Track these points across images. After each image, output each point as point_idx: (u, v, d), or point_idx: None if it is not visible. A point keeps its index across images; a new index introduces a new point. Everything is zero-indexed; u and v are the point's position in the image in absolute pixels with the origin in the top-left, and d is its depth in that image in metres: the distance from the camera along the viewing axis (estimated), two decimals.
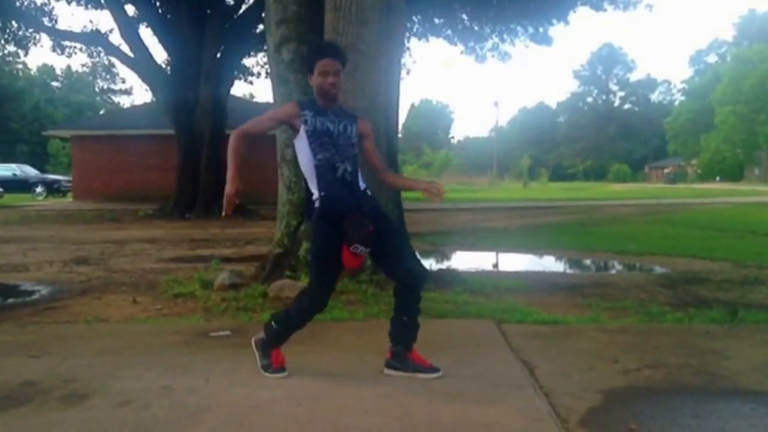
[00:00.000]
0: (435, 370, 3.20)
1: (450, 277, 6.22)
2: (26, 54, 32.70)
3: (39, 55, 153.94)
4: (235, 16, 18.23)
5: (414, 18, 17.24)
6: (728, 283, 6.19)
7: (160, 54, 19.25)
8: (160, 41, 18.29)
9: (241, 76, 22.16)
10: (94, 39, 19.30)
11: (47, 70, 65.12)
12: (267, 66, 12.03)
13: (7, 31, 18.32)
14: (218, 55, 17.52)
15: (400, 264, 3.17)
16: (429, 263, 7.47)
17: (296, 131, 3.18)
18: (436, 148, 73.23)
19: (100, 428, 2.64)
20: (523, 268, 7.91)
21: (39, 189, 29.12)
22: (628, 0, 16.24)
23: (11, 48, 21.58)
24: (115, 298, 5.62)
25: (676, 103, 77.31)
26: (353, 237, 2.99)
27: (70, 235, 11.64)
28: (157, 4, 18.48)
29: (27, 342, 3.95)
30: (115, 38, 18.75)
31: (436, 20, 18.16)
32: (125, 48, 17.80)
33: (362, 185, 3.21)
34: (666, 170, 71.36)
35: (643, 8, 16.90)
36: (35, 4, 18.02)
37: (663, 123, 71.25)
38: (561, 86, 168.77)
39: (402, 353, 3.23)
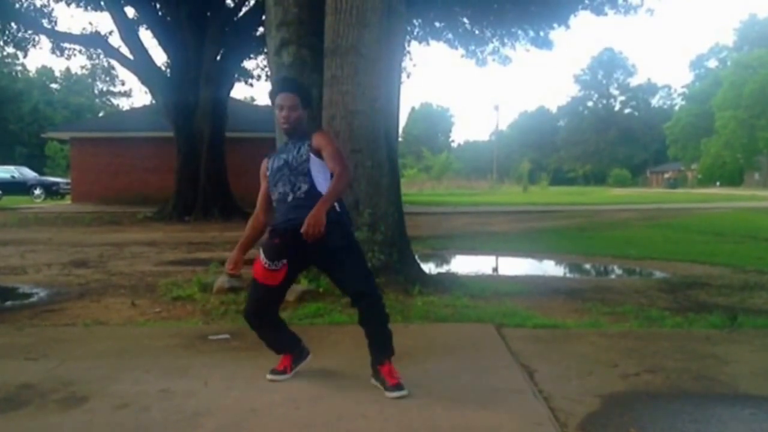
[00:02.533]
0: (397, 388, 2.98)
1: (449, 281, 6.21)
2: (25, 56, 32.86)
3: (38, 57, 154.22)
4: (235, 19, 18.23)
5: (414, 21, 17.27)
6: (728, 288, 6.18)
7: (159, 56, 19.27)
8: (160, 44, 18.30)
9: (242, 78, 22.18)
10: (93, 41, 19.31)
11: (46, 72, 65.07)
12: (267, 69, 12.05)
13: (7, 32, 18.28)
14: (218, 57, 17.52)
15: (345, 286, 3.17)
16: (428, 267, 7.45)
17: None
18: (437, 151, 73.16)
19: (99, 431, 2.64)
20: (523, 272, 7.91)
21: (37, 191, 29.06)
22: (629, 4, 16.25)
23: (10, 50, 21.62)
24: (114, 301, 5.61)
25: (677, 107, 77.46)
26: (261, 245, 3.03)
27: (69, 238, 11.62)
28: (157, 6, 18.50)
29: (25, 345, 3.94)
30: (115, 40, 18.77)
31: (437, 24, 18.18)
32: (125, 50, 17.81)
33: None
34: (666, 175, 71.37)
35: (644, 13, 16.94)
36: (34, 5, 18.01)
37: (663, 128, 71.32)
38: (561, 90, 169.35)
39: (373, 363, 3.13)
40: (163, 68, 19.10)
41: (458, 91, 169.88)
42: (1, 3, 16.70)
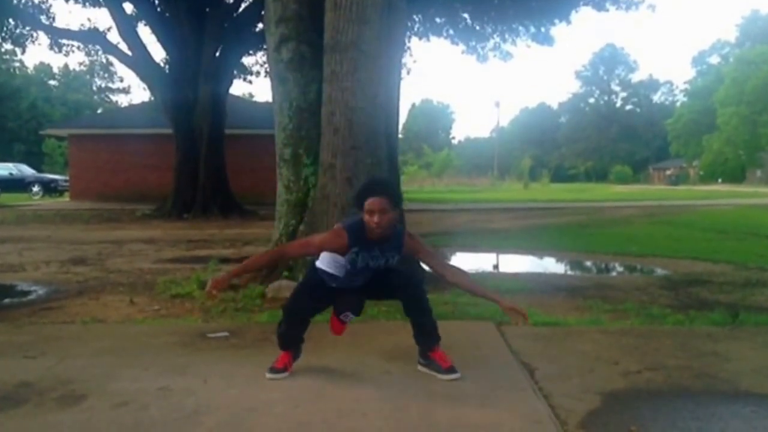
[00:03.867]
0: (452, 371, 3.21)
1: None
2: (23, 52, 32.69)
3: (36, 54, 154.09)
4: (234, 15, 18.19)
5: (415, 17, 17.23)
6: (730, 286, 6.17)
7: (158, 53, 19.20)
8: (159, 40, 18.24)
9: (241, 75, 22.11)
10: (92, 37, 19.25)
11: (44, 69, 64.91)
12: (266, 65, 12.01)
13: (4, 28, 18.19)
14: (217, 53, 17.47)
15: (394, 289, 3.31)
16: None
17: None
18: (437, 148, 73.04)
19: (98, 429, 2.62)
20: (524, 269, 7.89)
21: (36, 188, 28.99)
22: (630, 0, 16.20)
23: (8, 46, 21.49)
24: (113, 298, 5.60)
25: (678, 104, 77.22)
26: (343, 307, 3.32)
27: (67, 235, 11.61)
28: (156, 2, 18.45)
29: (23, 343, 3.93)
30: (114, 37, 18.78)
31: (438, 19, 18.15)
32: (123, 46, 17.76)
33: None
34: (668, 172, 71.24)
35: (646, 8, 16.85)
36: (33, 2, 17.90)
37: (665, 124, 71.18)
38: (562, 86, 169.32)
39: (424, 352, 3.31)
40: (162, 65, 19.04)
41: (459, 88, 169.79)
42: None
